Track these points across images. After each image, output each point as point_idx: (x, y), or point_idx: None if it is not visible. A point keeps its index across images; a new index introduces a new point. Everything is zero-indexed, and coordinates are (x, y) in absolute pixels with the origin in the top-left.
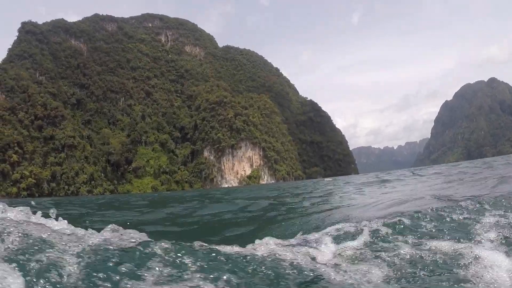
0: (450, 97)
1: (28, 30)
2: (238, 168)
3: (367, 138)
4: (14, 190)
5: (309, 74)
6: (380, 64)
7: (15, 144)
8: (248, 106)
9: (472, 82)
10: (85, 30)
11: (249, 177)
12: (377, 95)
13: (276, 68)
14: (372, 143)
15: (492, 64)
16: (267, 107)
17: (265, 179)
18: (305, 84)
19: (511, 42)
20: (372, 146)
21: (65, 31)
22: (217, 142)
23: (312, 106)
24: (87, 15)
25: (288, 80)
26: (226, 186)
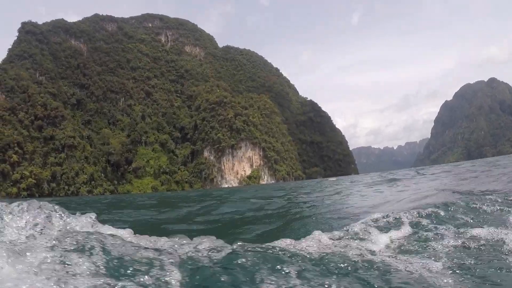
0: (450, 97)
1: (28, 30)
2: (238, 168)
3: (367, 138)
4: (14, 190)
5: (309, 74)
6: (380, 64)
7: (15, 144)
8: (248, 106)
9: (472, 82)
10: (85, 30)
11: (249, 177)
12: (377, 95)
13: (276, 68)
14: (372, 143)
15: (492, 64)
16: (267, 107)
17: (265, 179)
18: (305, 84)
19: (511, 42)
20: (372, 146)
21: (65, 31)
22: (217, 142)
23: (312, 106)
24: (87, 15)
25: (288, 80)
26: (226, 186)
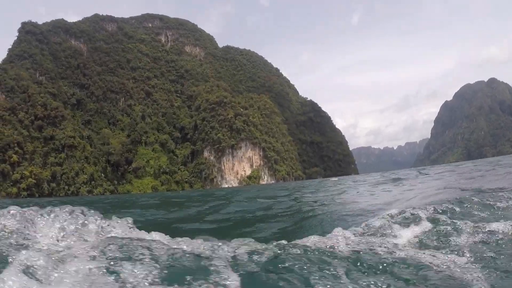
0: (450, 97)
1: (28, 30)
2: (238, 168)
3: (367, 138)
4: (14, 190)
5: (309, 74)
6: (380, 64)
7: (15, 144)
8: (248, 106)
9: (472, 82)
10: (85, 30)
11: (249, 177)
12: (377, 95)
13: (276, 68)
14: (372, 143)
15: (492, 64)
16: (267, 107)
17: (265, 179)
18: (305, 84)
19: (511, 42)
20: (372, 147)
21: (65, 31)
22: (217, 142)
23: (312, 106)
24: (87, 15)
25: (288, 80)
26: (226, 186)
